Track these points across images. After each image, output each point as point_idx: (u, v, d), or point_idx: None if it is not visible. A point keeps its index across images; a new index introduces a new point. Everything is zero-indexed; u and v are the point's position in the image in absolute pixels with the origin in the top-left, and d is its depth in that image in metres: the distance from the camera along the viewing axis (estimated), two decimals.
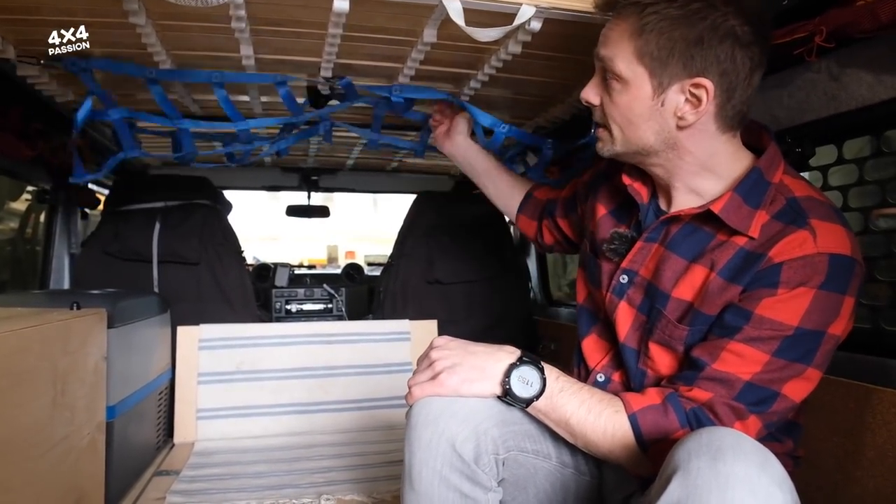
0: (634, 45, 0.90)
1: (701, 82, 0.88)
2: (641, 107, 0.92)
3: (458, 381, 0.94)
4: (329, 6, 1.14)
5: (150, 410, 1.76)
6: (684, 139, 0.94)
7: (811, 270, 0.84)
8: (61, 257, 2.22)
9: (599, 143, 1.02)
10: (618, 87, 0.94)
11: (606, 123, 0.99)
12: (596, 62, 0.99)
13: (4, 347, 0.91)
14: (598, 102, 0.99)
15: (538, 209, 1.44)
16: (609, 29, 0.95)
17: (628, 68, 0.91)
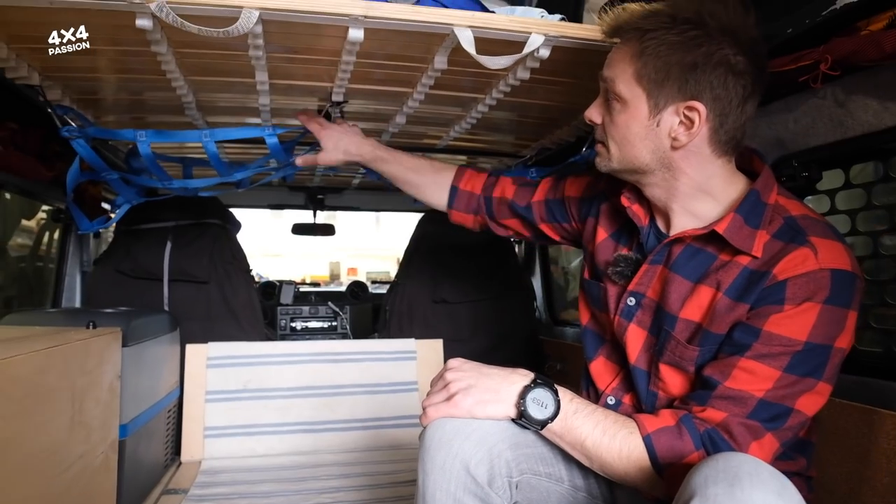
0: (634, 68, 0.95)
1: (694, 105, 0.92)
2: (638, 126, 0.97)
3: (472, 402, 0.95)
4: (344, 35, 1.18)
5: (159, 429, 1.77)
6: (679, 160, 0.97)
7: (815, 286, 0.87)
8: (73, 275, 2.25)
9: (598, 159, 1.07)
10: (618, 107, 0.99)
11: (605, 141, 1.04)
12: (601, 83, 1.04)
13: (28, 367, 0.93)
14: (600, 121, 1.04)
15: (473, 204, 1.43)
16: (613, 52, 1.01)
17: (627, 89, 0.96)
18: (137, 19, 1.09)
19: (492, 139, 2.06)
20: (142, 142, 1.52)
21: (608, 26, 1.02)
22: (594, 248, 1.19)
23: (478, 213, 1.43)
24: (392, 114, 1.74)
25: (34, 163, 1.70)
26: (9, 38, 1.23)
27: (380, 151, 1.48)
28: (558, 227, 1.33)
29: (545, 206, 1.34)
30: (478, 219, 1.44)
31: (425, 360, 2.22)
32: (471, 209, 1.43)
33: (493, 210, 1.41)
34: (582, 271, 1.26)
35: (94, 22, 1.15)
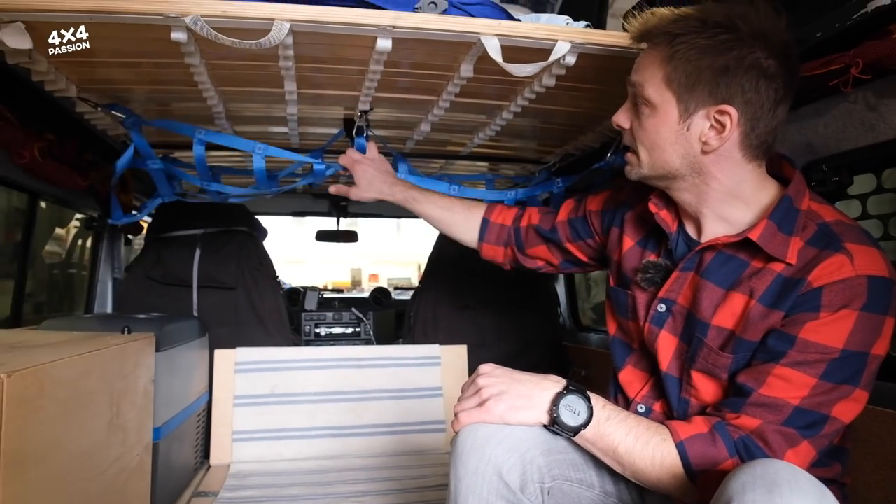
0: (664, 72, 0.95)
1: (726, 109, 0.92)
2: (668, 131, 0.97)
3: (504, 408, 0.96)
4: (372, 45, 1.20)
5: (189, 432, 1.81)
6: (709, 164, 0.97)
7: (852, 293, 0.86)
8: (105, 281, 2.30)
9: (628, 167, 1.06)
10: (647, 112, 0.98)
11: (635, 147, 1.03)
12: (629, 88, 1.03)
13: (72, 371, 0.96)
14: (628, 126, 1.03)
15: (504, 235, 1.43)
16: (642, 57, 1.00)
17: (657, 93, 0.96)
18: (173, 32, 1.13)
19: (515, 146, 2.07)
20: (199, 139, 1.56)
21: (636, 31, 1.02)
22: (620, 256, 1.19)
23: (507, 245, 1.43)
24: (417, 121, 1.76)
25: (70, 172, 1.75)
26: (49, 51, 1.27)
27: (412, 192, 1.50)
28: (583, 244, 1.32)
29: (569, 225, 1.34)
30: (508, 252, 1.43)
31: (450, 365, 2.23)
32: (501, 241, 1.43)
33: (521, 240, 1.41)
34: (607, 281, 1.25)
35: (129, 36, 1.19)
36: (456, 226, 1.47)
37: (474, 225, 1.45)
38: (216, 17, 1.08)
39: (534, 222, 1.39)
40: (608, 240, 1.25)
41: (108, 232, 2.32)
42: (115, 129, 1.75)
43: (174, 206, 2.32)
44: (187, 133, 1.57)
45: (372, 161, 1.54)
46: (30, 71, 1.28)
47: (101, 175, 1.98)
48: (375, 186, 1.50)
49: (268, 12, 1.09)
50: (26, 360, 0.88)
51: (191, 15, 1.07)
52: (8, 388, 0.77)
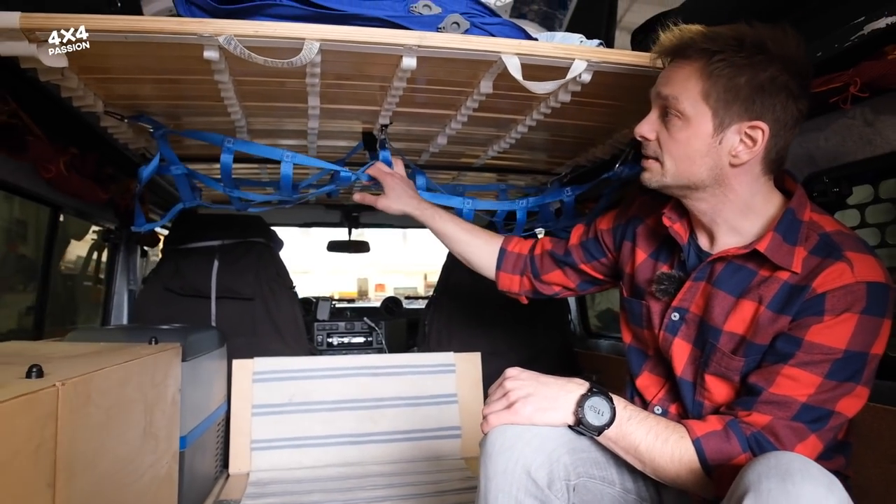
0: (701, 87, 0.98)
1: (759, 125, 0.97)
2: (700, 143, 1.00)
3: (532, 410, 1.00)
4: (396, 63, 1.24)
5: (210, 441, 1.83)
6: (732, 177, 1.01)
7: (852, 298, 0.92)
8: (122, 293, 2.34)
9: (647, 174, 1.09)
10: (679, 124, 1.02)
11: (660, 156, 1.06)
12: (655, 100, 1.07)
13: (112, 380, 1.00)
14: (653, 137, 1.06)
15: (520, 264, 1.46)
16: (674, 70, 1.03)
17: (692, 107, 1.00)
18: (205, 51, 1.16)
19: (527, 157, 2.10)
20: (227, 147, 1.60)
21: (669, 45, 1.04)
22: (633, 268, 1.24)
23: (524, 274, 1.45)
24: (434, 135, 1.80)
25: (92, 185, 1.79)
26: (80, 69, 1.31)
27: (438, 209, 1.53)
28: (597, 264, 1.36)
29: (582, 248, 1.38)
30: (524, 281, 1.46)
31: (464, 373, 2.26)
32: (517, 269, 1.46)
33: (536, 267, 1.44)
34: (620, 292, 1.30)
35: (160, 54, 1.23)
36: (476, 248, 1.49)
37: (492, 253, 1.48)
38: (249, 36, 1.12)
39: (547, 248, 1.43)
40: (621, 253, 1.29)
41: (124, 244, 2.36)
42: (135, 142, 1.78)
43: (192, 218, 2.37)
44: (216, 142, 1.61)
45: (401, 177, 1.59)
46: (58, 87, 1.33)
47: (121, 188, 2.02)
48: (404, 200, 1.53)
49: (298, 32, 1.13)
50: (71, 369, 0.91)
51: (224, 35, 1.11)
52: (62, 396, 0.80)
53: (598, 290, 1.46)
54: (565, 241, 1.42)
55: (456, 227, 1.50)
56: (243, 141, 1.63)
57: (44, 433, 0.76)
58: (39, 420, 0.75)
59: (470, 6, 1.27)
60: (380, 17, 1.20)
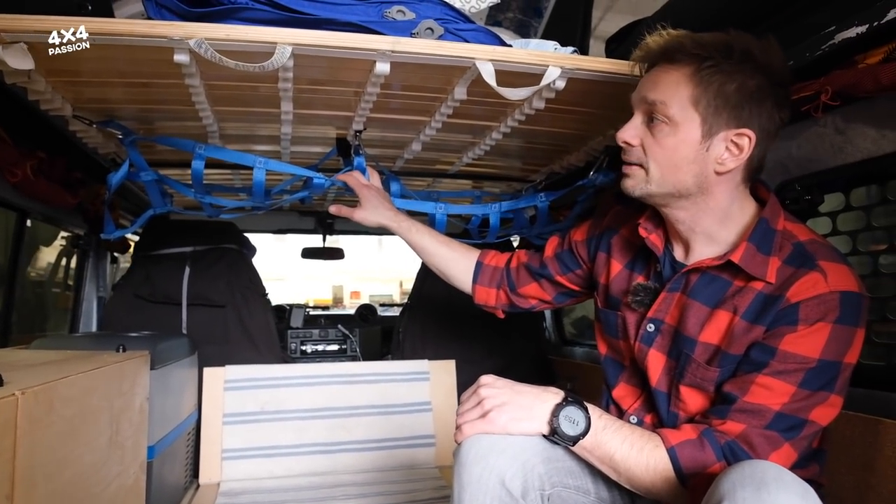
0: (690, 93, 0.97)
1: (746, 133, 0.97)
2: (688, 150, 0.99)
3: (507, 419, 0.99)
4: (370, 68, 1.24)
5: (180, 451, 1.80)
6: (714, 185, 1.01)
7: (826, 307, 0.92)
8: (91, 300, 2.29)
9: (630, 182, 1.06)
10: (666, 130, 1.00)
11: (644, 163, 1.03)
12: (639, 104, 1.04)
13: (77, 388, 0.97)
14: (637, 143, 1.04)
15: (497, 277, 1.45)
16: (661, 75, 1.01)
17: (681, 113, 0.98)
18: (175, 55, 1.15)
19: (502, 164, 2.12)
20: (198, 154, 1.57)
21: (658, 48, 1.03)
22: (608, 279, 1.23)
23: (500, 287, 1.44)
24: (408, 141, 1.80)
25: (60, 190, 1.75)
26: (47, 72, 1.28)
27: (415, 222, 1.52)
28: (573, 275, 1.36)
29: (557, 259, 1.38)
30: (500, 294, 1.45)
31: (438, 381, 2.25)
32: (494, 282, 1.45)
33: (512, 280, 1.43)
34: (595, 303, 1.30)
35: (129, 56, 1.21)
36: (452, 262, 1.48)
37: (469, 266, 1.47)
38: (220, 40, 1.11)
39: (523, 261, 1.43)
40: (595, 264, 1.29)
41: (93, 250, 2.31)
42: (105, 146, 1.75)
43: (163, 224, 2.33)
44: (187, 148, 1.59)
45: (378, 189, 1.57)
46: (25, 90, 1.30)
47: (90, 193, 1.99)
48: (380, 212, 1.52)
49: (270, 36, 1.12)
50: (34, 378, 0.89)
51: (195, 38, 1.10)
52: (22, 405, 0.78)
53: (574, 302, 1.45)
54: (541, 254, 1.41)
55: (432, 240, 1.49)
56: (215, 147, 1.61)
57: (2, 443, 0.74)
58: None
59: (444, 12, 1.27)
60: (353, 22, 1.19)
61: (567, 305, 1.53)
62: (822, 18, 1.11)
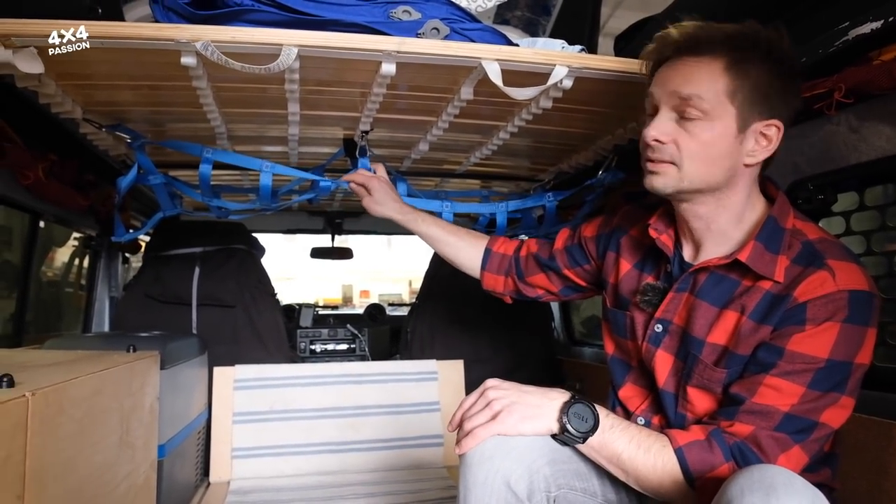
0: (726, 85, 0.95)
1: (775, 123, 0.97)
2: (724, 143, 0.97)
3: (517, 418, 0.99)
4: (376, 69, 1.24)
5: (190, 450, 1.81)
6: (740, 179, 1.00)
7: (834, 307, 0.91)
8: (103, 300, 2.31)
9: (660, 179, 1.01)
10: (701, 125, 0.97)
11: (676, 160, 0.99)
12: (667, 99, 1.00)
13: (86, 389, 0.98)
14: (669, 140, 0.99)
15: (504, 265, 1.46)
16: (692, 68, 0.97)
17: (719, 107, 0.96)
18: (182, 57, 1.16)
19: (510, 164, 2.11)
20: (206, 158, 1.59)
21: (685, 40, 0.99)
22: (617, 279, 1.22)
23: (508, 275, 1.45)
24: (415, 141, 1.80)
25: (72, 192, 1.77)
26: (57, 76, 1.30)
27: (421, 213, 1.53)
28: (581, 270, 1.35)
29: (566, 252, 1.37)
30: (508, 282, 1.45)
31: (447, 380, 2.25)
32: (502, 270, 1.45)
33: (521, 269, 1.43)
34: (603, 302, 1.29)
35: (138, 59, 1.22)
36: (461, 249, 1.49)
37: (477, 253, 1.47)
38: (226, 42, 1.12)
39: (532, 251, 1.43)
40: (604, 262, 1.28)
41: (105, 251, 2.34)
42: (115, 149, 1.77)
43: (173, 225, 2.35)
44: (195, 152, 1.60)
45: (385, 181, 1.58)
46: (36, 93, 1.31)
47: (101, 195, 2.00)
48: (388, 204, 1.52)
49: (276, 38, 1.13)
50: (44, 378, 0.90)
51: (201, 40, 1.11)
52: (32, 407, 0.78)
53: (580, 297, 1.45)
54: (550, 245, 1.41)
55: (440, 230, 1.50)
56: (222, 151, 1.63)
57: (12, 444, 0.74)
58: (8, 431, 0.74)
59: (450, 12, 1.27)
60: (359, 23, 1.20)
61: (573, 300, 1.52)
62: (835, 14, 1.09)
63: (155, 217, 1.83)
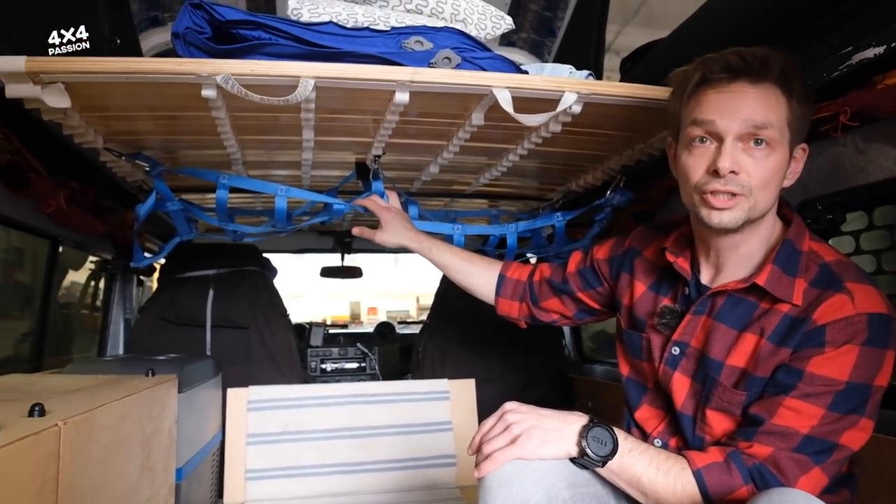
0: (785, 113, 0.96)
1: (804, 147, 1.01)
2: (782, 171, 0.98)
3: (537, 443, 0.99)
4: (390, 97, 1.27)
5: (206, 472, 1.83)
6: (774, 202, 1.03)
7: (853, 330, 0.92)
8: (118, 322, 2.34)
9: (730, 214, 0.97)
10: (766, 152, 0.96)
11: (746, 191, 0.97)
12: (737, 128, 0.96)
13: (112, 415, 1.01)
14: (742, 170, 0.96)
15: (519, 290, 1.48)
16: (762, 94, 0.96)
17: (781, 134, 0.96)
18: (203, 90, 1.19)
19: (519, 184, 2.14)
20: (222, 183, 1.62)
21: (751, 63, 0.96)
22: (632, 301, 1.24)
23: (522, 301, 1.47)
24: (425, 164, 1.83)
25: (91, 218, 1.81)
26: (81, 108, 1.33)
27: (435, 241, 1.55)
28: (594, 293, 1.37)
29: (579, 276, 1.39)
30: (522, 307, 1.47)
31: (458, 399, 2.26)
32: (517, 296, 1.47)
33: (535, 294, 1.45)
34: (618, 324, 1.30)
35: (159, 92, 1.25)
36: (475, 276, 1.51)
37: (491, 280, 1.49)
38: (245, 75, 1.15)
39: (546, 276, 1.44)
40: (618, 284, 1.30)
41: (121, 274, 2.37)
42: (133, 175, 1.80)
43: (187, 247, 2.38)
44: (211, 179, 1.64)
45: (397, 210, 1.61)
46: (60, 125, 1.35)
47: (118, 220, 2.04)
48: (401, 233, 1.55)
49: (294, 70, 1.16)
50: (72, 406, 0.92)
51: (222, 74, 1.14)
52: (64, 435, 0.81)
53: (594, 320, 1.46)
54: (563, 269, 1.43)
55: (454, 257, 1.52)
56: (238, 176, 1.66)
57: (46, 473, 0.77)
58: (42, 460, 0.76)
59: (461, 41, 1.31)
60: (373, 54, 1.23)
61: (587, 322, 1.54)
62: (839, 39, 1.11)
63: (172, 242, 1.87)
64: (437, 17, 1.36)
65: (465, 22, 1.37)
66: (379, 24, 1.28)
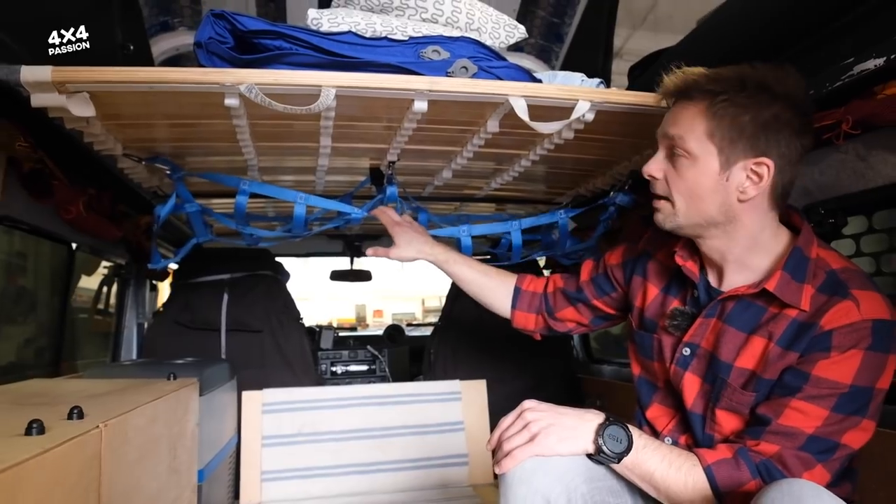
0: (706, 126, 1.03)
1: (764, 161, 1.01)
2: (708, 181, 1.04)
3: (554, 440, 1.03)
4: (408, 105, 1.30)
5: (224, 473, 1.86)
6: (741, 213, 1.05)
7: (858, 335, 0.96)
8: (131, 327, 2.37)
9: (660, 216, 1.12)
10: (686, 163, 1.06)
11: (670, 196, 1.09)
12: (662, 140, 1.11)
13: (143, 418, 1.03)
14: (661, 176, 1.10)
15: (535, 303, 1.50)
16: (680, 111, 1.07)
17: (698, 145, 1.04)
18: (227, 99, 1.22)
19: (529, 188, 2.16)
20: (243, 189, 1.65)
21: (673, 88, 1.09)
22: (644, 303, 1.28)
23: (539, 313, 1.50)
24: (439, 169, 1.86)
25: (107, 223, 1.83)
26: (103, 116, 1.36)
27: (451, 253, 1.57)
28: (608, 299, 1.41)
29: (593, 283, 1.43)
30: (539, 319, 1.50)
31: (470, 400, 2.29)
32: (532, 308, 1.50)
33: (550, 305, 1.48)
34: (629, 325, 1.34)
35: (181, 101, 1.28)
36: (490, 290, 1.53)
37: (507, 293, 1.52)
38: (269, 84, 1.18)
39: (559, 286, 1.48)
40: (630, 287, 1.34)
41: (134, 278, 2.40)
42: (149, 181, 1.83)
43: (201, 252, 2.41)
44: (232, 184, 1.66)
45: (410, 223, 1.63)
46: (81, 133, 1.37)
47: (132, 224, 2.07)
48: (415, 246, 1.57)
49: (316, 80, 1.19)
50: (107, 409, 0.95)
51: (245, 83, 1.17)
52: (105, 437, 0.83)
53: (610, 324, 1.49)
54: (576, 278, 1.46)
55: (470, 270, 1.54)
56: (259, 183, 1.69)
57: (90, 474, 0.79)
58: (87, 461, 0.79)
59: (477, 50, 1.33)
60: (392, 64, 1.26)
61: (603, 328, 1.57)
62: (840, 50, 1.14)
63: (188, 244, 1.89)
64: (452, 26, 1.39)
65: (479, 31, 1.40)
66: (396, 33, 1.30)
